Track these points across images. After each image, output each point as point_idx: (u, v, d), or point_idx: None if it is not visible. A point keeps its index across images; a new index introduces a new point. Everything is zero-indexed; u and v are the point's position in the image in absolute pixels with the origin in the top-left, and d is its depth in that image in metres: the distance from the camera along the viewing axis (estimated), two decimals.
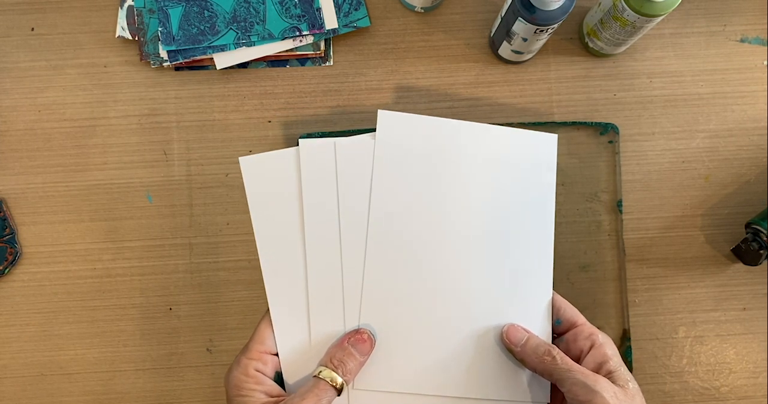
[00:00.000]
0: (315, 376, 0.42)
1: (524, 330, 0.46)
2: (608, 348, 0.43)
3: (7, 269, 0.55)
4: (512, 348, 0.45)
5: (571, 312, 0.47)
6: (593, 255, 0.56)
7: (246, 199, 0.56)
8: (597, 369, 0.43)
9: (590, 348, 0.44)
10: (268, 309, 0.46)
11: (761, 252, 0.53)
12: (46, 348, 0.55)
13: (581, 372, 0.41)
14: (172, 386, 0.56)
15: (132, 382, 0.55)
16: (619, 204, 0.56)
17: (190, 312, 0.56)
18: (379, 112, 0.48)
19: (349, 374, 0.43)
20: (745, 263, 0.54)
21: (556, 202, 0.55)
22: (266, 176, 0.47)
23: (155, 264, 0.56)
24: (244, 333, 0.55)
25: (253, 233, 0.56)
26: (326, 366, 0.43)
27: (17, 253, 0.55)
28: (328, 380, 0.42)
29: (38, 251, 0.56)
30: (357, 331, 0.45)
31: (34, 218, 0.56)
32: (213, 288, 0.56)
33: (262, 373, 0.43)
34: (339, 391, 0.42)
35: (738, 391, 0.56)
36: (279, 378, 0.45)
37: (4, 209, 0.55)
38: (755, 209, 0.56)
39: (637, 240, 0.56)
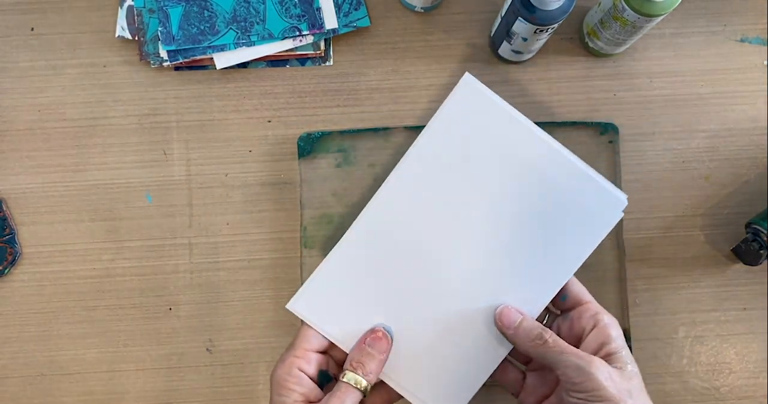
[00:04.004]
0: (339, 380, 0.43)
1: (518, 311, 0.45)
2: (612, 329, 0.43)
3: (7, 269, 0.55)
4: (504, 331, 0.45)
5: (578, 289, 0.46)
6: (593, 255, 0.55)
7: (245, 199, 0.56)
8: (597, 350, 0.42)
9: (593, 327, 0.43)
10: None
11: (761, 252, 0.53)
12: (46, 348, 0.55)
13: (574, 354, 0.41)
14: (172, 386, 0.56)
15: (132, 382, 0.55)
16: None
17: (190, 312, 0.56)
18: (467, 75, 0.46)
19: (371, 374, 0.44)
20: (745, 263, 0.54)
21: None
22: (471, 113, 0.46)
23: (155, 264, 0.56)
24: (244, 333, 0.56)
25: (252, 233, 0.56)
26: (348, 370, 0.44)
27: (17, 253, 0.55)
28: (351, 383, 0.43)
29: (38, 251, 0.56)
30: (372, 331, 0.46)
31: (34, 218, 0.56)
32: (213, 288, 0.56)
33: (305, 373, 0.44)
34: (363, 393, 0.43)
35: (738, 391, 0.56)
36: (323, 376, 0.45)
37: (4, 209, 0.55)
38: (755, 209, 0.56)
39: (637, 240, 0.56)
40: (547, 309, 0.48)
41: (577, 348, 0.42)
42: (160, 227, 0.56)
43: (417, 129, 0.55)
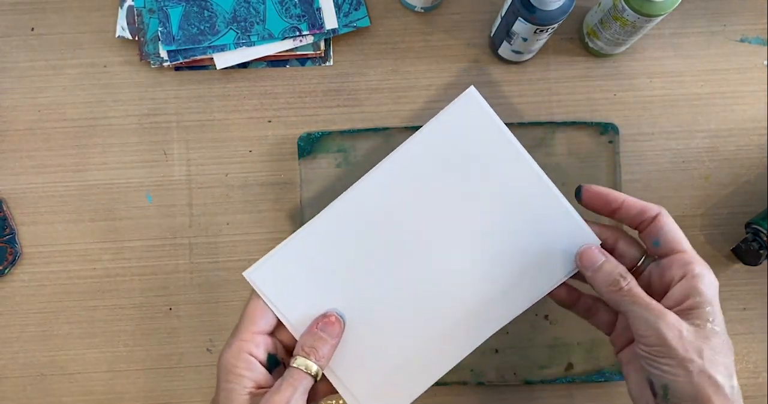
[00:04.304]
0: (290, 366, 0.42)
1: (602, 253, 0.42)
2: (702, 282, 0.39)
3: (7, 269, 0.55)
4: (584, 272, 0.42)
5: (673, 235, 0.41)
6: None
7: (245, 199, 0.56)
8: (681, 301, 0.39)
9: (682, 277, 0.40)
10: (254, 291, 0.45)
11: (761, 252, 0.53)
12: (46, 348, 0.55)
13: (645, 306, 0.38)
14: (172, 386, 0.56)
15: (132, 382, 0.55)
16: None
17: (190, 312, 0.56)
18: (472, 88, 0.46)
19: (323, 359, 0.43)
20: (745, 263, 0.54)
21: None
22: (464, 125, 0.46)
23: (155, 264, 0.56)
24: None
25: (252, 233, 0.56)
26: (299, 355, 0.42)
27: (17, 253, 0.55)
28: (302, 368, 0.42)
29: (38, 251, 0.56)
30: (324, 315, 0.44)
31: (34, 218, 0.56)
32: (213, 288, 0.56)
33: (255, 357, 0.42)
34: (315, 377, 0.42)
35: None
36: (272, 360, 0.44)
37: (4, 209, 0.55)
38: (755, 209, 0.56)
39: None
40: (645, 251, 0.44)
41: (662, 298, 0.40)
42: (160, 227, 0.56)
43: (417, 129, 0.55)
